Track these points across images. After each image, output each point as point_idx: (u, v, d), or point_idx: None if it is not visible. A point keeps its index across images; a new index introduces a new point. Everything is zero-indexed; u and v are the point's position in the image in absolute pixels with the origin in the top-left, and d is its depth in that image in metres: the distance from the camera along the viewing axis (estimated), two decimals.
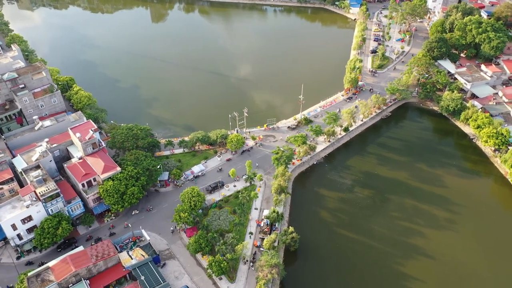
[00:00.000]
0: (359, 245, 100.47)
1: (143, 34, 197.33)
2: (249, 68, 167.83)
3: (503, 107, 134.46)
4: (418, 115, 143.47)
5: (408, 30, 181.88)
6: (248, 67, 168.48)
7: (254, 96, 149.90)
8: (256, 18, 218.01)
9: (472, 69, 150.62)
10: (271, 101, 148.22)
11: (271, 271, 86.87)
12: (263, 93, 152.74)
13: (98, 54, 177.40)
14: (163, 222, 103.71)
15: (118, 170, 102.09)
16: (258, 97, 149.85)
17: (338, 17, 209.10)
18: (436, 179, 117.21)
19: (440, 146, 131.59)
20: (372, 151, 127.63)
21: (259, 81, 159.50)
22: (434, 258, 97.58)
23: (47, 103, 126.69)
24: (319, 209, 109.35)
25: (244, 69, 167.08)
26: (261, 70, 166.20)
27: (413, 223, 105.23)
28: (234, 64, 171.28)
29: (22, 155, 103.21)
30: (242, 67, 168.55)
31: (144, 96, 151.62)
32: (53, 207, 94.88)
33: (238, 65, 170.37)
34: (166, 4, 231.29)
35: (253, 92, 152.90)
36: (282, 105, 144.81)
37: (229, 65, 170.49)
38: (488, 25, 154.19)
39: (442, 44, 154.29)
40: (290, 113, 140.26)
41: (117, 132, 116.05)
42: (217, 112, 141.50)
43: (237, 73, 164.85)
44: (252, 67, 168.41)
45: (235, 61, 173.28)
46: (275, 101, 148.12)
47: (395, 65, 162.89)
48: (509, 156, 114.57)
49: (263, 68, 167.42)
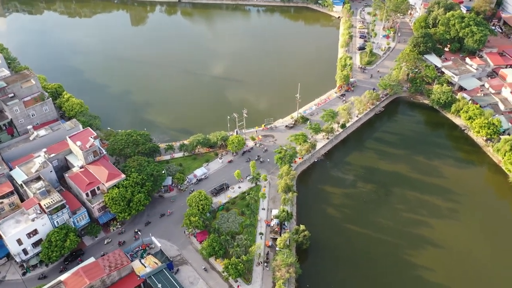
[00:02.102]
0: (368, 239, 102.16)
1: (126, 37, 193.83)
2: (239, 68, 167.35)
3: (490, 98, 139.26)
4: (410, 109, 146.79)
5: (392, 27, 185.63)
6: (238, 67, 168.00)
7: (248, 97, 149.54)
8: (240, 18, 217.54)
9: (458, 62, 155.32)
10: (265, 101, 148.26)
11: (288, 270, 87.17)
12: (257, 93, 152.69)
13: (83, 60, 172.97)
14: (172, 227, 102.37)
15: (123, 177, 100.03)
16: (252, 97, 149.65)
17: (322, 16, 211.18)
18: (434, 170, 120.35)
19: (433, 138, 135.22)
20: (370, 146, 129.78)
21: (251, 81, 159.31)
22: (440, 246, 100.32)
23: (39, 112, 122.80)
24: (325, 206, 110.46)
25: (235, 70, 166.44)
26: (251, 70, 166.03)
27: (417, 214, 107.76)
28: (224, 65, 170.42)
29: (21, 167, 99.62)
30: (232, 68, 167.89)
31: (136, 101, 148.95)
32: (58, 219, 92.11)
33: (228, 66, 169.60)
34: (147, 7, 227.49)
35: (247, 93, 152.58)
36: (277, 105, 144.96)
37: (220, 66, 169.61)
38: (470, 19, 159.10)
39: (427, 39, 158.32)
40: (286, 112, 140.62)
41: (116, 139, 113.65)
42: (213, 114, 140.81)
43: (228, 74, 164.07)
44: (243, 67, 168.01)
45: (225, 62, 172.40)
46: (270, 101, 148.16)
47: (384, 60, 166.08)
48: (502, 145, 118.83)
49: (253, 68, 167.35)
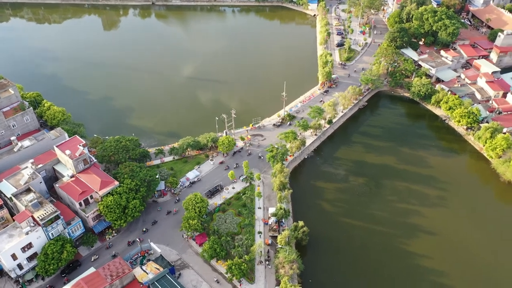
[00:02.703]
0: (364, 230, 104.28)
1: (101, 42, 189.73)
2: (220, 69, 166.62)
3: (467, 88, 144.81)
4: (391, 102, 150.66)
5: (367, 23, 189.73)
6: (219, 68, 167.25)
7: (232, 97, 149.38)
8: (217, 19, 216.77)
9: (433, 55, 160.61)
10: (250, 101, 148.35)
11: (291, 267, 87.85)
12: (241, 93, 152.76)
13: (58, 67, 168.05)
14: (170, 232, 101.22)
15: (116, 184, 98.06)
16: (237, 97, 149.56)
17: (297, 14, 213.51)
18: (420, 161, 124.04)
19: (416, 129, 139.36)
20: (357, 140, 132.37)
21: (233, 82, 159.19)
22: (432, 233, 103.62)
23: (19, 122, 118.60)
24: (319, 201, 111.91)
25: (216, 71, 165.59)
26: (233, 71, 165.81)
27: (408, 203, 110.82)
28: (205, 66, 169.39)
29: (8, 180, 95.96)
30: (214, 69, 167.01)
31: (118, 106, 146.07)
32: (53, 231, 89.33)
33: (209, 67, 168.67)
34: (120, 10, 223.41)
35: (231, 93, 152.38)
36: (262, 104, 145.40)
37: (201, 68, 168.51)
38: (443, 13, 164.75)
39: (403, 33, 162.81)
40: (272, 111, 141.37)
41: (105, 146, 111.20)
42: (198, 116, 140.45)
43: (210, 75, 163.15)
44: (224, 68, 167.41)
45: (205, 63, 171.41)
46: (255, 100, 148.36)
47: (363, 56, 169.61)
48: (482, 133, 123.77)
49: (234, 68, 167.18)
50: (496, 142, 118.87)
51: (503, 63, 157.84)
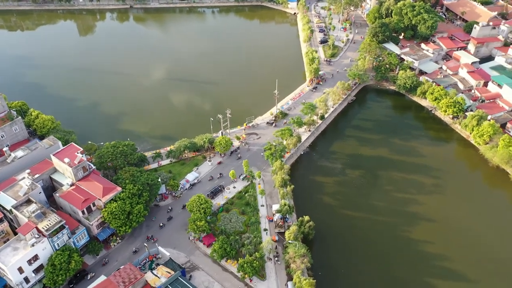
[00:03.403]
0: (366, 221, 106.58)
1: (81, 47, 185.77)
2: (207, 70, 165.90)
3: (450, 79, 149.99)
4: (378, 96, 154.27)
5: (347, 19, 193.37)
6: (206, 69, 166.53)
7: (222, 98, 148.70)
8: (197, 21, 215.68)
9: (415, 48, 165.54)
10: (241, 100, 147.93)
11: (302, 261, 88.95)
12: (230, 93, 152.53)
13: (40, 74, 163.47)
14: (175, 235, 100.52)
15: (119, 190, 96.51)
16: (226, 98, 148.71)
17: (277, 13, 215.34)
18: (412, 151, 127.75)
19: (405, 120, 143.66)
20: (350, 134, 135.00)
21: (221, 82, 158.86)
22: (432, 220, 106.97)
23: (8, 133, 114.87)
24: (320, 196, 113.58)
25: (203, 72, 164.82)
26: (220, 71, 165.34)
27: (406, 192, 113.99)
28: (191, 68, 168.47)
29: (6, 192, 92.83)
30: (200, 70, 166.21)
31: (107, 112, 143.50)
32: (59, 241, 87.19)
33: (195, 68, 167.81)
34: (97, 14, 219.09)
35: (220, 94, 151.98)
36: (253, 103, 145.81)
37: (187, 69, 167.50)
38: (421, 7, 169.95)
39: (385, 28, 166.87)
40: (263, 109, 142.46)
41: (102, 152, 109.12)
42: (190, 118, 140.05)
43: (198, 77, 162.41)
44: (210, 69, 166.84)
45: (191, 65, 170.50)
46: (245, 100, 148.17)
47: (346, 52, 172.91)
48: (469, 121, 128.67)
49: (221, 69, 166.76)
50: (482, 129, 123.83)
51: (480, 53, 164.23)
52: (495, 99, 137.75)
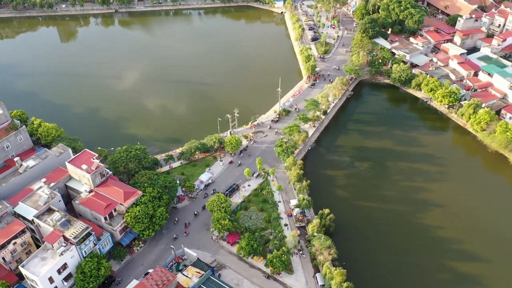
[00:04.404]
0: (380, 211, 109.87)
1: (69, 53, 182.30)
2: (202, 71, 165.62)
3: (441, 70, 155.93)
4: (374, 90, 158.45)
5: (335, 17, 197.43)
6: (201, 70, 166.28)
7: (222, 98, 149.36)
8: (184, 22, 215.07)
9: (404, 42, 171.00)
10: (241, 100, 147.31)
11: (329, 252, 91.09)
12: (228, 93, 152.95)
13: (31, 82, 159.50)
14: (197, 235, 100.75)
15: (140, 194, 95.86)
16: (227, 98, 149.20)
17: (264, 13, 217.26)
18: (414, 141, 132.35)
19: (402, 112, 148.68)
20: (352, 128, 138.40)
21: (219, 83, 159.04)
22: (441, 205, 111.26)
23: (13, 143, 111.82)
24: (333, 189, 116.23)
25: (198, 73, 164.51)
26: (215, 72, 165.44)
27: (414, 181, 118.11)
28: (184, 69, 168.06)
29: (25, 202, 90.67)
30: (194, 71, 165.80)
31: (107, 117, 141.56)
32: (86, 248, 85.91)
33: (189, 70, 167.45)
34: (80, 20, 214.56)
35: (220, 94, 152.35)
36: (253, 101, 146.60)
37: (180, 71, 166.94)
38: (407, 2, 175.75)
39: (374, 24, 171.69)
40: (264, 107, 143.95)
41: (115, 157, 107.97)
42: (194, 119, 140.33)
43: (193, 78, 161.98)
44: (204, 69, 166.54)
45: (184, 66, 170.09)
46: (245, 99, 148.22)
47: (338, 48, 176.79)
48: (465, 109, 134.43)
49: (216, 69, 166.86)
50: (479, 117, 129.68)
51: (466, 45, 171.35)
52: (486, 87, 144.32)
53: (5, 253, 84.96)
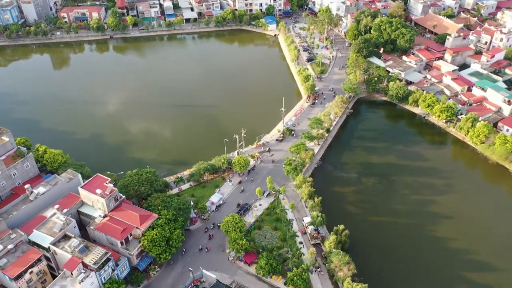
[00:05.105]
0: (392, 225, 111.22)
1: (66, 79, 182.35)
2: (201, 93, 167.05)
3: (436, 86, 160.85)
4: (372, 107, 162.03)
5: (328, 38, 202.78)
6: (199, 93, 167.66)
7: (224, 119, 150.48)
8: (179, 47, 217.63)
9: (397, 61, 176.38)
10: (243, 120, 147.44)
11: (349, 268, 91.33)
12: (230, 114, 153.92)
13: (31, 109, 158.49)
14: (213, 257, 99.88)
15: (155, 217, 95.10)
16: (228, 119, 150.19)
17: (257, 36, 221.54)
18: (416, 155, 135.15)
19: (402, 127, 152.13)
20: (356, 144, 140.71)
21: (218, 104, 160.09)
22: (451, 217, 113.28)
23: (20, 170, 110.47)
24: (343, 205, 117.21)
25: (197, 96, 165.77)
26: (213, 94, 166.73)
27: (421, 194, 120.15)
28: (186, 92, 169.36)
29: (39, 229, 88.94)
30: (196, 94, 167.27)
31: (113, 142, 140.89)
32: (105, 274, 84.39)
33: (191, 92, 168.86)
34: (74, 47, 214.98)
35: (220, 116, 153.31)
36: (256, 121, 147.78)
37: (183, 94, 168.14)
38: (398, 23, 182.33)
39: (368, 44, 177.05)
40: (267, 127, 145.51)
41: (126, 181, 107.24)
42: (199, 141, 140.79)
43: (193, 101, 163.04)
44: (204, 92, 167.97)
45: (185, 89, 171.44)
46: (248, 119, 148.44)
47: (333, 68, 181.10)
48: (464, 123, 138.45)
49: (214, 91, 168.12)
50: (478, 130, 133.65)
51: (456, 62, 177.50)
52: (481, 102, 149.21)
53: (21, 283, 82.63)
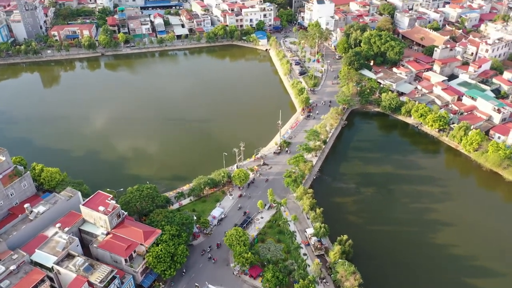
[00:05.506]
0: (393, 234, 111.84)
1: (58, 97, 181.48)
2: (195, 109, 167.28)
3: (427, 97, 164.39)
4: (365, 118, 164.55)
5: (319, 51, 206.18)
6: (195, 107, 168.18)
7: (221, 133, 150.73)
8: (172, 63, 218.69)
9: (388, 73, 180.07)
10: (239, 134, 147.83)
11: (355, 278, 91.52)
12: (227, 128, 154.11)
13: (25, 128, 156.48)
14: (218, 272, 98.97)
15: (159, 233, 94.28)
16: (225, 133, 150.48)
17: (249, 51, 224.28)
18: (412, 164, 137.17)
19: (396, 137, 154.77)
20: (352, 155, 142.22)
21: (213, 119, 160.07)
22: (451, 224, 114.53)
23: (18, 190, 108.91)
24: (343, 215, 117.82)
25: (191, 111, 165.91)
26: (208, 109, 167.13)
27: (420, 203, 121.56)
28: (180, 108, 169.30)
29: (42, 249, 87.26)
30: (190, 109, 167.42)
31: (109, 159, 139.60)
32: None
33: (185, 108, 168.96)
34: (65, 65, 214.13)
35: (218, 130, 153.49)
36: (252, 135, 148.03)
37: (177, 110, 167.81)
38: (387, 36, 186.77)
39: (359, 57, 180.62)
40: (264, 140, 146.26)
41: (127, 197, 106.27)
42: (196, 156, 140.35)
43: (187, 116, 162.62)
44: (200, 107, 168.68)
45: (179, 105, 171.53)
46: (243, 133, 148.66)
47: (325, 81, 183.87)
48: (457, 132, 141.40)
49: (208, 106, 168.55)
50: (471, 138, 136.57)
51: (444, 73, 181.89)
52: (472, 111, 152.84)
53: None
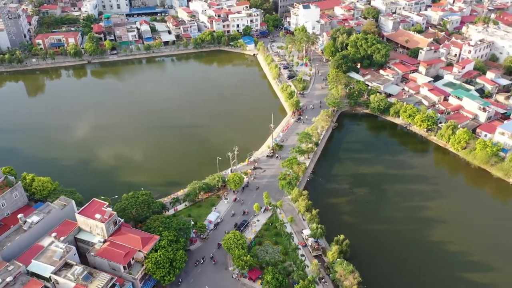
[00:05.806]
0: (388, 233, 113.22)
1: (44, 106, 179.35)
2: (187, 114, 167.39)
3: (414, 98, 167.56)
4: (355, 119, 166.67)
5: (306, 55, 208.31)
6: (185, 113, 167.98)
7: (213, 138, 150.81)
8: (158, 70, 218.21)
9: (375, 75, 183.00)
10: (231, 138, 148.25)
11: (354, 276, 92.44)
12: (219, 133, 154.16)
13: (13, 138, 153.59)
14: (216, 276, 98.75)
15: (157, 238, 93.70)
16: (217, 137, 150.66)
17: (237, 56, 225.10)
18: (403, 163, 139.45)
19: (386, 138, 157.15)
20: (344, 157, 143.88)
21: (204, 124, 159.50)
22: (443, 221, 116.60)
23: (9, 200, 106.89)
24: (338, 216, 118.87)
25: (183, 116, 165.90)
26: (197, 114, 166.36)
27: (413, 201, 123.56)
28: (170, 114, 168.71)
29: (38, 259, 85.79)
30: (180, 115, 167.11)
31: (100, 167, 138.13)
32: None
33: (175, 114, 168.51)
34: (50, 74, 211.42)
35: (209, 135, 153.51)
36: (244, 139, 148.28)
37: (167, 116, 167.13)
38: (373, 39, 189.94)
39: (346, 60, 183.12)
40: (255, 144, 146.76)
41: (123, 204, 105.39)
42: (189, 161, 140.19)
43: (180, 121, 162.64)
44: (189, 112, 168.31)
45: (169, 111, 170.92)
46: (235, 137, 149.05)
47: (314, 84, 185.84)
48: (445, 131, 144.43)
49: (199, 111, 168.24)
50: (459, 137, 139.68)
51: (430, 74, 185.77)
52: (458, 110, 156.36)
53: None
